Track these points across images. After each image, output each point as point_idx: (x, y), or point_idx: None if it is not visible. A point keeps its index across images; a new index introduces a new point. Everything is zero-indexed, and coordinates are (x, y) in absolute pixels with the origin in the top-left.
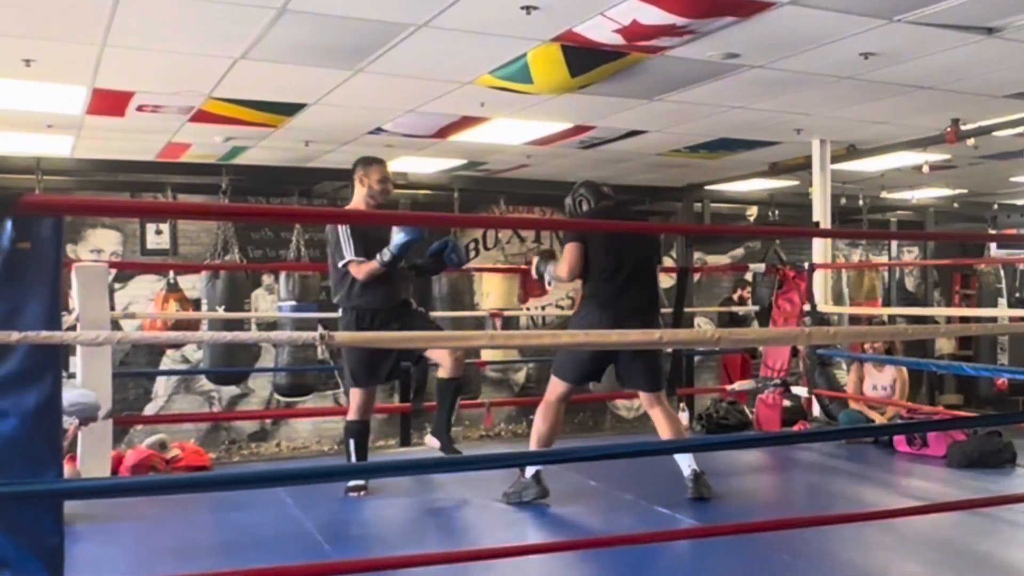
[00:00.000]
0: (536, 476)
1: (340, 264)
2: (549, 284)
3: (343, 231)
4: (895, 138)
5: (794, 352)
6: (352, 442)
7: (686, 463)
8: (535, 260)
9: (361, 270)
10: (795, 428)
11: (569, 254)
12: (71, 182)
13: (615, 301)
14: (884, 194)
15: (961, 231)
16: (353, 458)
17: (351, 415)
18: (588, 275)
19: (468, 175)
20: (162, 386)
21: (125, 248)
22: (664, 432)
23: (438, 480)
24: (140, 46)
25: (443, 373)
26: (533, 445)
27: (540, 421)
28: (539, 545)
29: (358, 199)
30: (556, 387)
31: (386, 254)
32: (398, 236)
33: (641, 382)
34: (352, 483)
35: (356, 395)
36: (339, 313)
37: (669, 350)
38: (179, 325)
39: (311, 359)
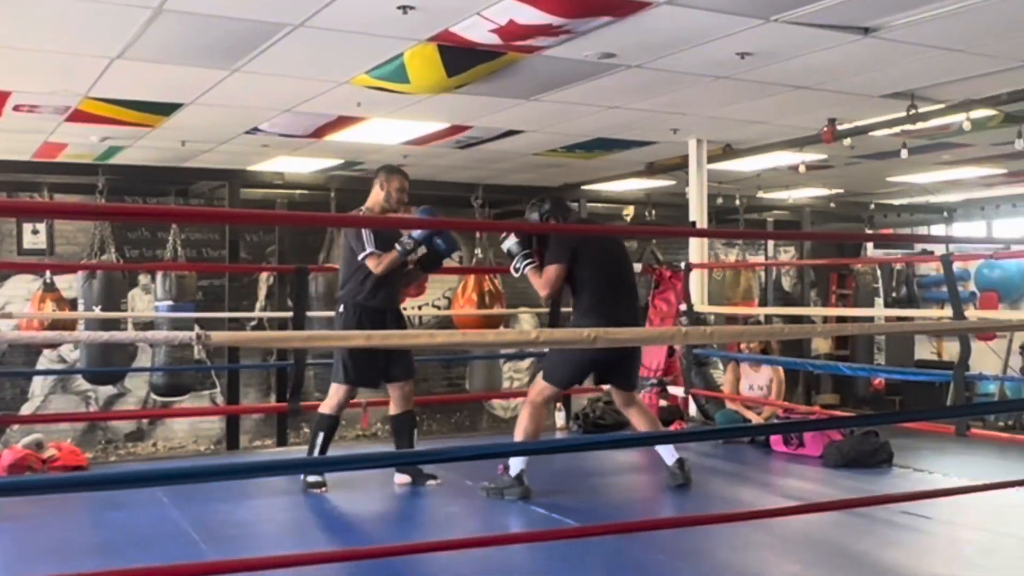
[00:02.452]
0: (519, 476)
1: (360, 257)
2: (516, 271)
3: (364, 228)
4: (772, 138)
5: (670, 352)
6: (322, 435)
7: (669, 453)
8: (511, 239)
9: (381, 262)
10: (672, 428)
11: (552, 274)
12: None
13: (608, 309)
14: (761, 194)
15: (837, 231)
16: (316, 452)
17: (326, 409)
18: (578, 289)
19: (345, 175)
20: (39, 386)
21: (1, 248)
22: (642, 427)
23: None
24: (16, 45)
25: (394, 409)
26: (520, 440)
27: (529, 421)
28: (415, 545)
29: (374, 201)
30: (545, 390)
31: (408, 243)
32: (420, 232)
33: (625, 380)
34: (312, 479)
35: (338, 391)
36: (339, 309)
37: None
38: (56, 325)
39: (188, 359)
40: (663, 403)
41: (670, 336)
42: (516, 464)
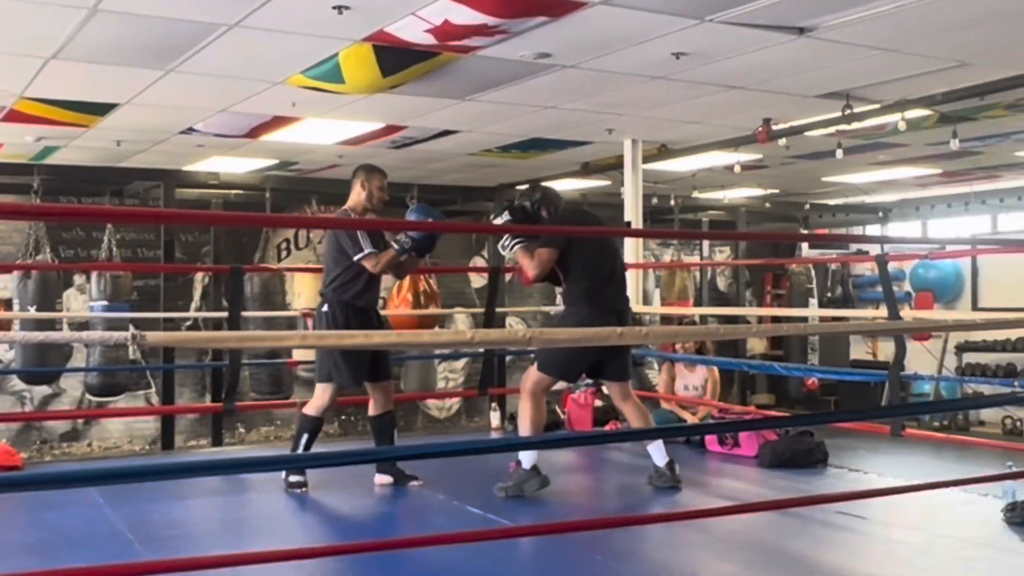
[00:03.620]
0: (535, 467)
1: (357, 257)
2: (503, 248)
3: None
4: (707, 138)
5: None
6: (306, 436)
7: (660, 455)
8: (504, 215)
9: (380, 261)
10: (607, 428)
11: (544, 256)
12: None
13: (600, 299)
14: (696, 194)
15: (773, 231)
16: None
17: (311, 411)
18: (572, 277)
19: (280, 175)
20: None
21: None
22: (636, 423)
23: (248, 480)
24: None
25: (374, 410)
26: (527, 434)
27: (532, 412)
28: (349, 546)
29: (355, 201)
30: (541, 381)
31: (406, 242)
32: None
33: (621, 373)
34: (294, 479)
35: (325, 391)
36: (323, 308)
37: (481, 349)
38: None
39: (123, 359)
40: (598, 403)
41: (605, 336)
42: (528, 457)
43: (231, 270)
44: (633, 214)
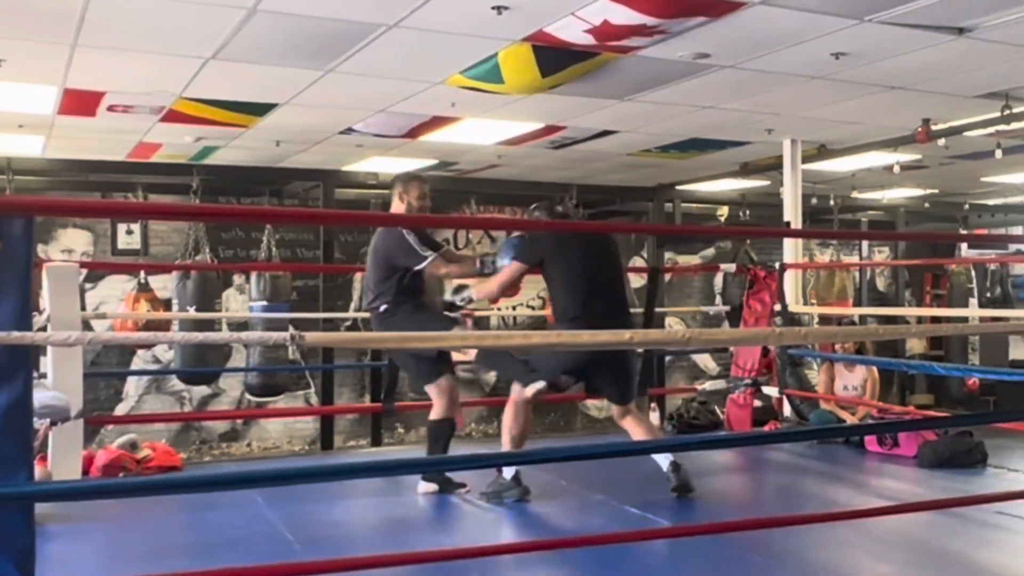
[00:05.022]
0: (516, 477)
1: (422, 265)
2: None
3: (411, 239)
4: (866, 138)
5: (765, 352)
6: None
7: (664, 458)
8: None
9: (450, 266)
10: (766, 428)
11: (506, 273)
12: (42, 182)
13: (589, 310)
14: (855, 194)
15: (932, 231)
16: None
17: (440, 414)
18: (557, 292)
19: (439, 175)
20: (133, 386)
21: (96, 248)
22: (638, 437)
23: (408, 481)
24: (111, 46)
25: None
26: (507, 447)
27: (513, 423)
28: (510, 545)
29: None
30: (525, 390)
31: (488, 266)
32: (504, 259)
33: (612, 393)
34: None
35: (440, 389)
36: (381, 308)
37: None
38: (150, 325)
39: (282, 359)
40: (758, 403)
41: (764, 337)
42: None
43: None
44: (792, 214)
